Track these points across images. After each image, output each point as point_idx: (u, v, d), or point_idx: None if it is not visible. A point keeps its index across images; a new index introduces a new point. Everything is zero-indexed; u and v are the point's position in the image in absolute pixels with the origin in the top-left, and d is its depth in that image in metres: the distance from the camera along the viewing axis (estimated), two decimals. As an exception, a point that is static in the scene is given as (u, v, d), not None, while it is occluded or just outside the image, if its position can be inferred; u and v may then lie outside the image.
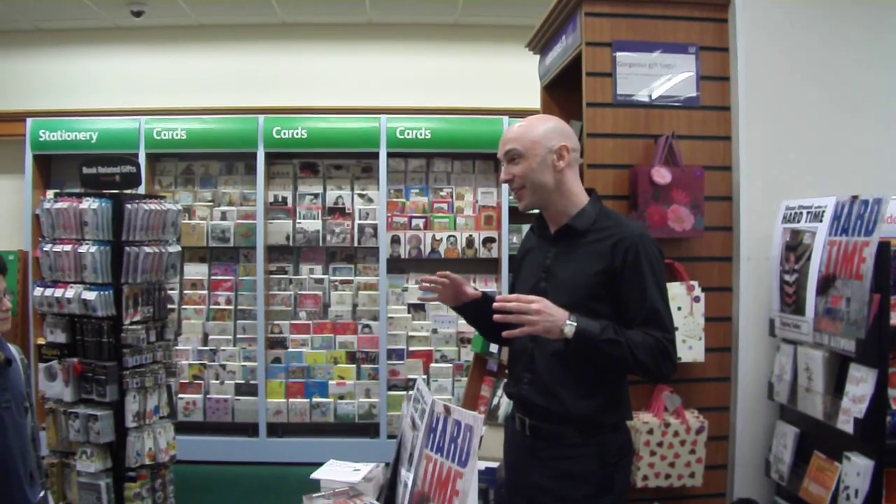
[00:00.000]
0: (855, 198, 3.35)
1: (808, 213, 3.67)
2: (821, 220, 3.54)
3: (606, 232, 3.00)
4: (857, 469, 3.26)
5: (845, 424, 3.29)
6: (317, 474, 3.04)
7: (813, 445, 3.66)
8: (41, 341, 5.94)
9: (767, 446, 4.06)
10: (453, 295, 3.27)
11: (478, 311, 3.30)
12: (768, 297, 3.96)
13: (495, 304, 2.84)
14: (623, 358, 2.83)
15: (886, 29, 4.25)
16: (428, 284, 3.24)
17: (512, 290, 3.30)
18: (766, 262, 4.01)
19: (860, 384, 3.25)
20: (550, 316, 2.79)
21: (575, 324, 2.79)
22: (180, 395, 7.54)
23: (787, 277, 3.77)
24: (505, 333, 2.87)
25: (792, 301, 3.72)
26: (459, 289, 3.25)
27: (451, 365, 7.92)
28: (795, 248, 3.70)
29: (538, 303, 2.80)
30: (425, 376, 7.86)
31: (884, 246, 3.20)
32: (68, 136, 7.92)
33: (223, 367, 7.89)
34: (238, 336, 8.03)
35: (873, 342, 3.20)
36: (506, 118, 7.94)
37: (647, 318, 2.90)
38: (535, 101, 5.39)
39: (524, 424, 3.11)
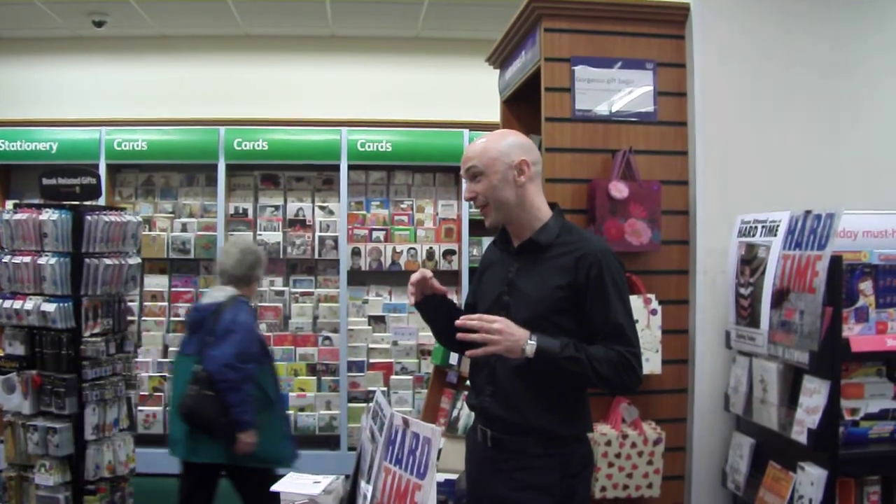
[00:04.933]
0: (808, 212, 3.40)
1: (762, 227, 3.72)
2: (775, 235, 3.59)
3: (569, 247, 3.01)
4: (811, 478, 3.31)
5: (799, 435, 3.34)
6: (277, 487, 3.03)
7: (768, 456, 3.71)
8: (-1, 353, 5.91)
9: (724, 457, 4.11)
10: (420, 293, 3.23)
11: (437, 310, 3.30)
12: (724, 309, 4.01)
13: (458, 322, 2.90)
14: (584, 374, 2.86)
15: (840, 46, 4.31)
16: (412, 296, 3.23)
17: (471, 303, 3.33)
18: (721, 275, 4.06)
19: (813, 395, 3.30)
20: (511, 336, 2.83)
21: (535, 343, 2.82)
22: (140, 408, 7.46)
23: (742, 291, 3.82)
24: (468, 353, 2.91)
25: (747, 314, 3.77)
26: (425, 284, 3.21)
27: (411, 377, 7.92)
28: (750, 262, 3.75)
29: (500, 323, 2.84)
30: (385, 388, 7.85)
31: (836, 260, 3.26)
32: (28, 146, 7.85)
33: (183, 379, 7.85)
34: (198, 348, 7.97)
35: (826, 354, 3.25)
36: (466, 131, 7.98)
37: (610, 333, 2.92)
38: (494, 114, 5.43)
39: (486, 436, 3.12)
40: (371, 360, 8.00)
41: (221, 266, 5.10)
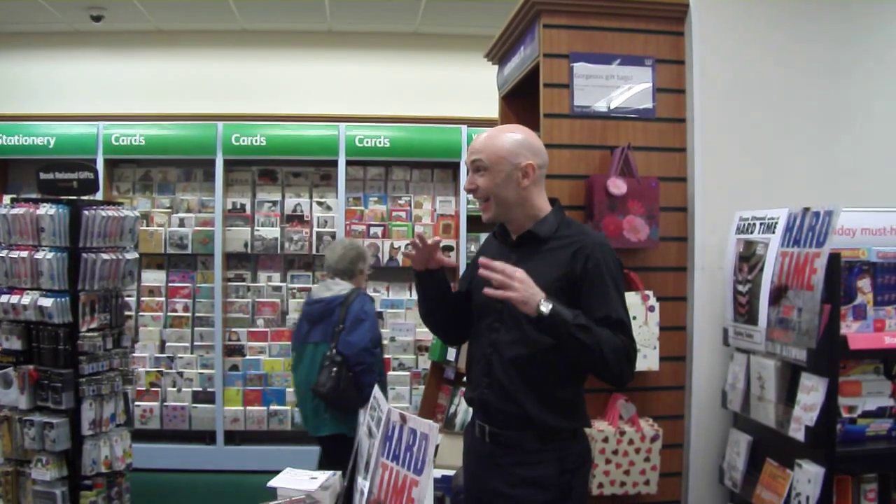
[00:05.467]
0: (807, 209, 3.40)
1: (761, 224, 3.71)
2: (773, 232, 3.59)
3: (567, 240, 3.02)
4: (809, 476, 3.30)
5: (797, 432, 3.34)
6: (274, 482, 3.03)
7: (765, 453, 3.71)
8: (-4, 348, 5.88)
9: (721, 454, 4.10)
10: (424, 259, 3.18)
11: (436, 288, 3.26)
12: (722, 306, 4.01)
13: (481, 260, 2.89)
14: (591, 348, 2.82)
15: (838, 42, 4.30)
16: (410, 248, 3.18)
17: (464, 291, 3.32)
18: (719, 272, 4.05)
19: (811, 393, 3.30)
20: (531, 288, 2.80)
21: (551, 304, 2.79)
22: (137, 403, 7.47)
23: (740, 288, 3.81)
24: (485, 290, 2.85)
25: (745, 311, 3.76)
26: (431, 254, 3.17)
27: (408, 373, 7.90)
28: (748, 259, 3.75)
29: (521, 273, 2.82)
30: (383, 384, 7.84)
31: (834, 257, 3.25)
32: (25, 140, 7.83)
33: (180, 374, 7.85)
34: (195, 343, 7.99)
35: (824, 352, 3.25)
36: (464, 127, 7.98)
37: (613, 324, 2.91)
38: (493, 110, 5.43)
39: (484, 431, 3.12)
40: (368, 356, 7.97)
41: (328, 261, 5.65)
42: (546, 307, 2.79)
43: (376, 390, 2.61)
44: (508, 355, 2.98)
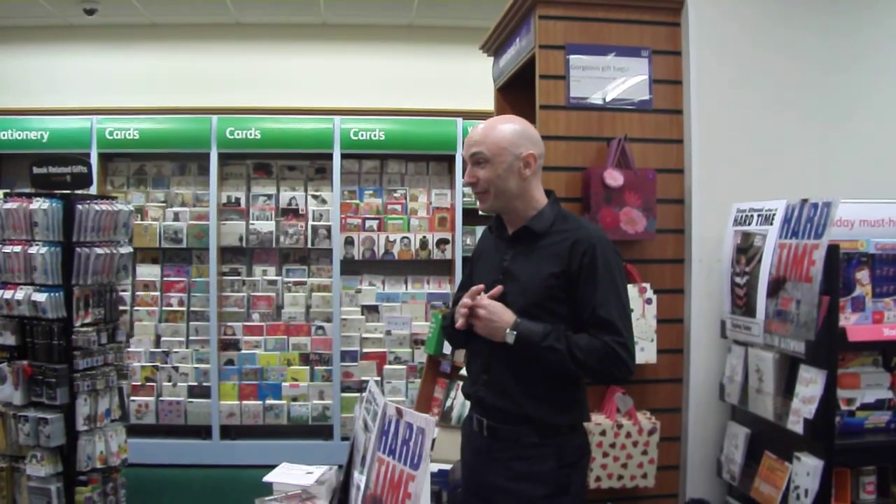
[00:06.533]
0: (805, 201, 3.39)
1: (758, 215, 3.70)
2: (771, 223, 3.58)
3: (564, 234, 3.00)
4: (807, 469, 3.30)
5: (795, 425, 3.33)
6: (269, 477, 3.02)
7: (764, 446, 3.70)
8: (-10, 343, 5.85)
9: (719, 447, 4.10)
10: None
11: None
12: (720, 298, 4.00)
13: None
14: (563, 363, 2.86)
15: (835, 34, 4.30)
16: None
17: (466, 288, 3.28)
18: (717, 264, 4.04)
19: (810, 385, 3.29)
20: (492, 322, 2.91)
21: (515, 332, 2.87)
22: (132, 398, 7.44)
23: (738, 279, 3.80)
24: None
25: (743, 303, 3.75)
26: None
27: (404, 367, 7.88)
28: (746, 251, 3.74)
29: (484, 309, 2.92)
30: (379, 378, 7.82)
31: (833, 249, 3.25)
32: (19, 135, 7.77)
33: (176, 369, 7.81)
34: (191, 338, 7.95)
35: (822, 344, 3.24)
36: (460, 120, 7.94)
37: (598, 322, 2.90)
38: (489, 102, 5.41)
39: (482, 425, 3.10)
40: (364, 350, 7.97)
41: None
42: (511, 337, 2.89)
43: (372, 385, 2.59)
44: (505, 352, 2.96)
